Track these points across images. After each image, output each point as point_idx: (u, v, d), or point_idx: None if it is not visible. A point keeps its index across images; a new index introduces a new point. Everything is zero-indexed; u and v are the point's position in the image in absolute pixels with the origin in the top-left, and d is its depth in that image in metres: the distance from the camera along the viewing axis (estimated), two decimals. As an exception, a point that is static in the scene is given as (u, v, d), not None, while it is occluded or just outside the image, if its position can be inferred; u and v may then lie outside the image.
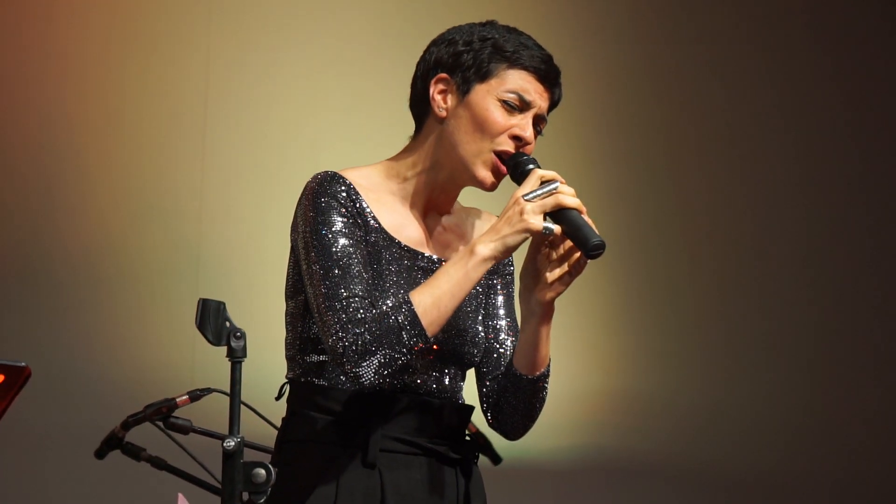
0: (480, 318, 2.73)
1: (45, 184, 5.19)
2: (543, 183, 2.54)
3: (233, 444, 2.62)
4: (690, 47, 6.15)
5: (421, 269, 2.66)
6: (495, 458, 3.52)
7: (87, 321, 5.15)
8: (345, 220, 2.59)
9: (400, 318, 2.49)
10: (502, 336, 2.77)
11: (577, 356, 5.75)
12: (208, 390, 3.72)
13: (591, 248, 2.51)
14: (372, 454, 2.59)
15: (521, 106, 2.64)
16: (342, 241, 2.57)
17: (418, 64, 2.73)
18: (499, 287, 2.79)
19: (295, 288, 2.66)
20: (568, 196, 2.53)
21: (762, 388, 6.06)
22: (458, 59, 2.66)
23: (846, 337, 6.18)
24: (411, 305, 2.50)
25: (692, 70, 6.14)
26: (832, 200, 6.24)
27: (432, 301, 2.52)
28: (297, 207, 2.64)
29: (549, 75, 2.66)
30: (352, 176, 2.66)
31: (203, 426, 3.73)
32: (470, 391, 2.78)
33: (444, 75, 2.67)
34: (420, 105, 2.72)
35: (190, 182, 5.33)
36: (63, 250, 5.17)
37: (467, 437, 2.73)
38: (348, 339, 2.49)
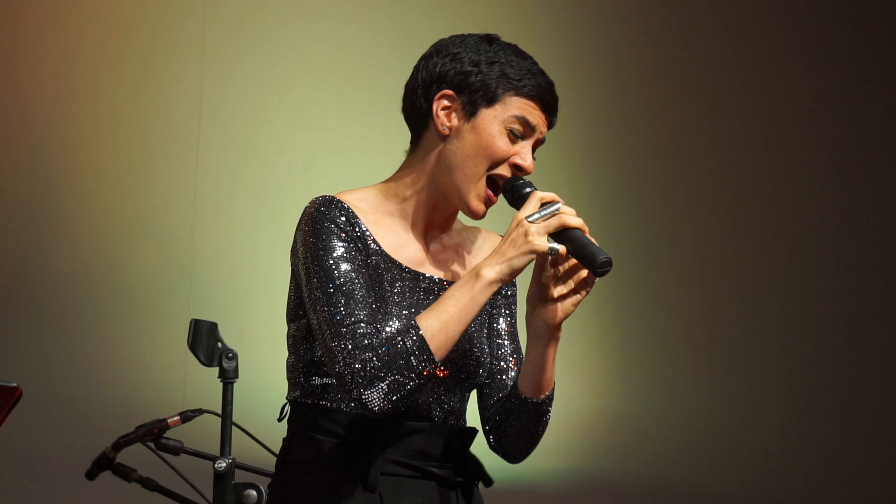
0: (485, 338, 2.73)
1: (38, 202, 5.18)
2: (544, 204, 2.54)
3: (224, 465, 2.61)
4: (680, 60, 6.16)
5: (423, 289, 2.65)
6: (486, 481, 3.51)
7: (78, 341, 5.14)
8: (345, 244, 2.58)
9: (408, 344, 2.49)
10: (506, 358, 2.76)
11: (569, 379, 5.74)
12: (200, 411, 3.71)
13: (598, 266, 2.51)
14: (373, 477, 2.58)
15: (525, 133, 2.64)
16: (344, 266, 2.56)
17: (417, 70, 2.71)
18: (502, 309, 2.78)
19: (296, 311, 2.65)
20: (571, 216, 2.53)
21: (750, 410, 6.07)
22: (465, 80, 2.64)
23: (830, 361, 6.19)
24: (419, 330, 2.50)
25: (679, 103, 6.15)
26: (816, 227, 6.25)
27: (440, 326, 2.51)
28: (296, 233, 2.63)
29: (551, 104, 2.67)
30: (349, 199, 2.64)
31: (194, 447, 3.72)
32: (471, 413, 2.76)
33: (449, 92, 2.65)
34: (418, 116, 2.70)
35: (183, 201, 5.33)
36: (55, 270, 5.16)
37: (469, 460, 2.72)
38: (356, 365, 2.48)
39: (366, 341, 2.49)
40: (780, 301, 6.19)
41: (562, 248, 2.53)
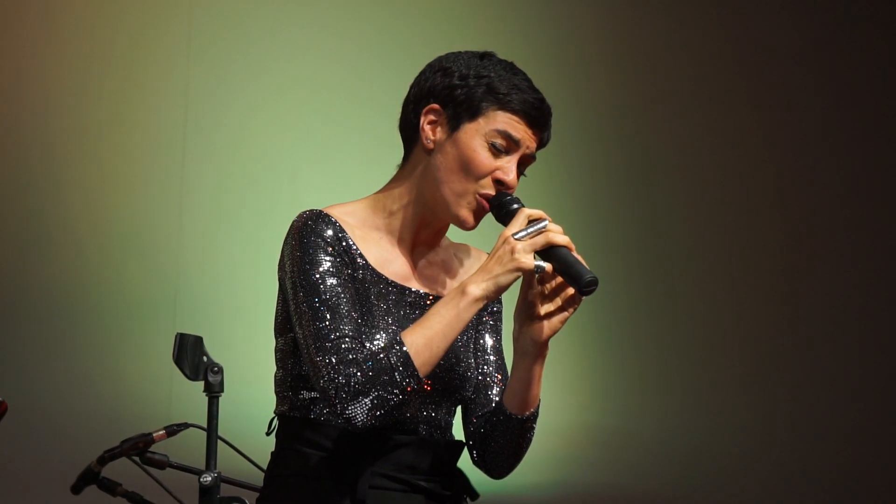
0: (471, 353, 2.73)
1: (22, 216, 5.17)
2: (531, 222, 2.54)
3: (209, 479, 2.62)
4: (674, 66, 6.18)
5: (409, 304, 2.66)
6: (472, 494, 3.52)
7: (63, 355, 5.13)
8: (332, 259, 2.58)
9: (392, 360, 2.49)
10: (491, 375, 2.76)
11: (553, 392, 5.73)
12: (185, 425, 3.70)
13: (584, 285, 2.51)
14: (361, 491, 2.58)
15: (508, 148, 2.63)
16: (330, 280, 2.56)
17: (412, 86, 2.72)
18: (488, 325, 2.79)
19: (284, 325, 2.65)
20: (557, 234, 2.54)
21: (737, 423, 6.07)
22: (451, 93, 2.65)
23: (815, 373, 6.19)
24: (403, 346, 2.50)
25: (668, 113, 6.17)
26: (807, 240, 6.26)
27: (424, 342, 2.51)
28: (283, 247, 2.63)
29: (539, 119, 2.66)
30: (337, 213, 2.65)
31: (180, 461, 3.72)
32: (458, 427, 2.77)
33: (435, 106, 2.66)
34: (409, 131, 2.71)
35: (168, 215, 5.33)
36: (40, 283, 5.16)
37: (457, 474, 2.72)
38: (340, 380, 2.48)
39: (350, 356, 2.49)
40: (768, 313, 6.19)
41: (548, 267, 2.54)
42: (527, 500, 5.69)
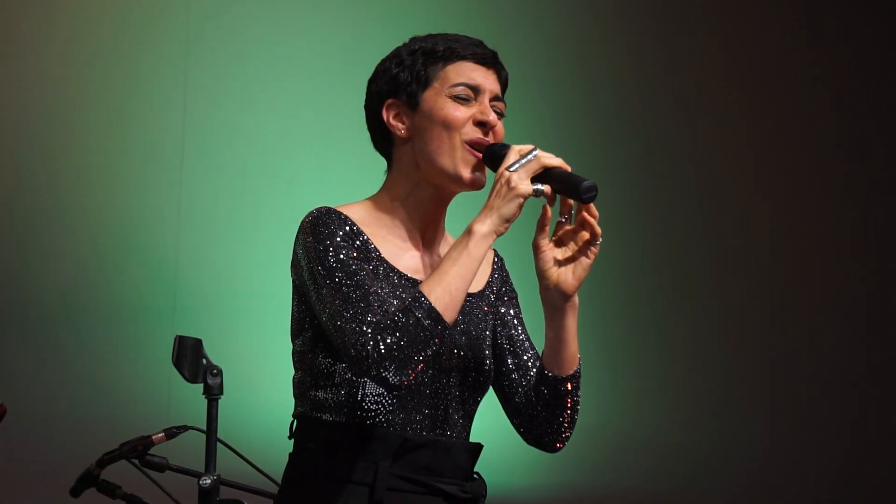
0: (489, 349, 2.74)
1: (21, 220, 5.18)
2: (522, 155, 2.57)
3: (209, 481, 2.62)
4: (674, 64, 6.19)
5: None
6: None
7: (63, 358, 5.13)
8: (347, 244, 2.60)
9: (418, 314, 2.49)
10: (523, 352, 2.77)
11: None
12: (184, 427, 3.70)
13: (583, 192, 2.54)
14: (379, 493, 2.58)
15: (472, 93, 2.67)
16: (349, 262, 2.57)
17: (364, 108, 2.77)
18: (508, 306, 2.80)
19: (301, 325, 2.66)
20: (549, 157, 2.56)
21: (729, 423, 6.09)
22: (396, 80, 2.70)
23: (810, 375, 6.21)
24: (424, 297, 2.51)
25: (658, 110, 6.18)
26: (797, 246, 6.28)
27: (443, 288, 2.52)
28: (295, 245, 2.64)
29: (487, 57, 2.69)
30: (345, 211, 2.67)
31: (179, 463, 3.72)
32: (478, 427, 2.77)
33: (390, 101, 2.70)
34: (380, 138, 2.75)
35: (167, 218, 5.33)
36: (39, 286, 5.16)
37: (475, 476, 2.72)
38: (369, 345, 2.48)
39: (376, 319, 2.49)
40: (759, 316, 6.21)
41: (546, 188, 2.56)
42: (525, 502, 5.70)
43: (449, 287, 2.52)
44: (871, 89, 6.39)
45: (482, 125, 2.65)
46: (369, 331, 2.48)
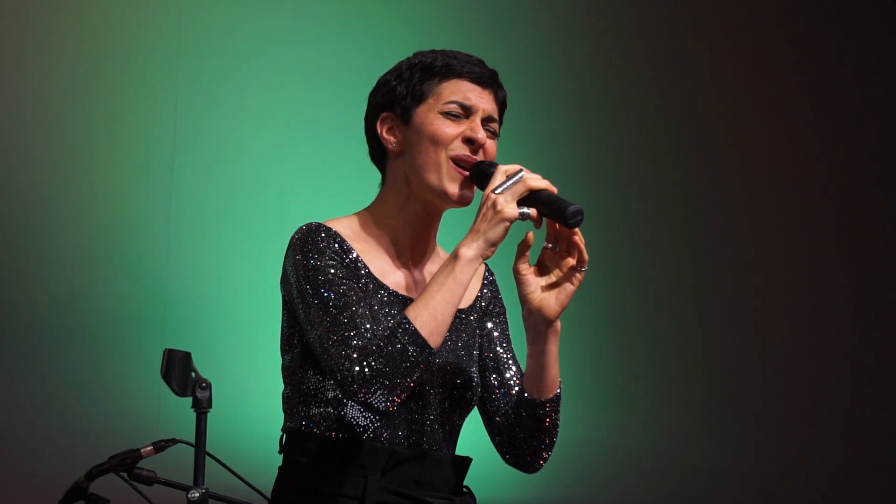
0: (474, 363, 2.74)
1: (11, 231, 5.17)
2: (509, 176, 2.56)
3: (197, 495, 2.61)
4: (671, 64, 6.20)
5: None
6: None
7: (51, 370, 5.13)
8: (336, 262, 2.60)
9: (403, 339, 2.50)
10: (506, 369, 2.78)
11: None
12: (173, 441, 3.70)
13: (569, 216, 2.53)
14: None
15: (464, 112, 2.67)
16: (338, 280, 2.58)
17: (364, 119, 2.77)
18: (494, 323, 2.80)
19: (290, 341, 2.67)
20: (536, 179, 2.55)
21: (714, 435, 6.10)
22: (392, 93, 2.70)
23: (795, 386, 6.22)
24: (409, 323, 2.51)
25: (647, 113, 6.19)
26: (785, 252, 6.29)
27: (428, 313, 2.52)
28: (285, 262, 2.64)
29: (484, 77, 2.69)
30: (334, 226, 2.67)
31: (168, 477, 3.71)
32: (466, 442, 2.77)
33: (385, 114, 2.70)
34: (375, 150, 2.76)
35: (157, 231, 5.33)
36: (28, 299, 5.15)
37: (464, 490, 2.72)
38: (355, 368, 2.48)
39: (362, 343, 2.50)
40: (744, 326, 6.22)
41: (532, 211, 2.55)
42: (515, 516, 5.70)
43: (435, 312, 2.53)
44: (866, 91, 6.41)
45: (470, 143, 2.66)
46: (355, 355, 2.49)
